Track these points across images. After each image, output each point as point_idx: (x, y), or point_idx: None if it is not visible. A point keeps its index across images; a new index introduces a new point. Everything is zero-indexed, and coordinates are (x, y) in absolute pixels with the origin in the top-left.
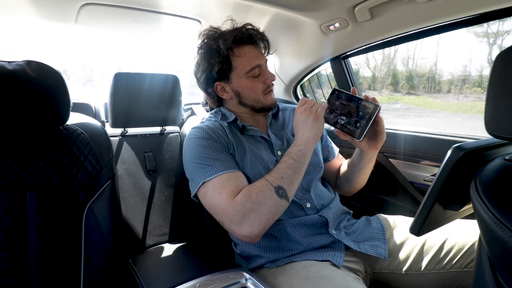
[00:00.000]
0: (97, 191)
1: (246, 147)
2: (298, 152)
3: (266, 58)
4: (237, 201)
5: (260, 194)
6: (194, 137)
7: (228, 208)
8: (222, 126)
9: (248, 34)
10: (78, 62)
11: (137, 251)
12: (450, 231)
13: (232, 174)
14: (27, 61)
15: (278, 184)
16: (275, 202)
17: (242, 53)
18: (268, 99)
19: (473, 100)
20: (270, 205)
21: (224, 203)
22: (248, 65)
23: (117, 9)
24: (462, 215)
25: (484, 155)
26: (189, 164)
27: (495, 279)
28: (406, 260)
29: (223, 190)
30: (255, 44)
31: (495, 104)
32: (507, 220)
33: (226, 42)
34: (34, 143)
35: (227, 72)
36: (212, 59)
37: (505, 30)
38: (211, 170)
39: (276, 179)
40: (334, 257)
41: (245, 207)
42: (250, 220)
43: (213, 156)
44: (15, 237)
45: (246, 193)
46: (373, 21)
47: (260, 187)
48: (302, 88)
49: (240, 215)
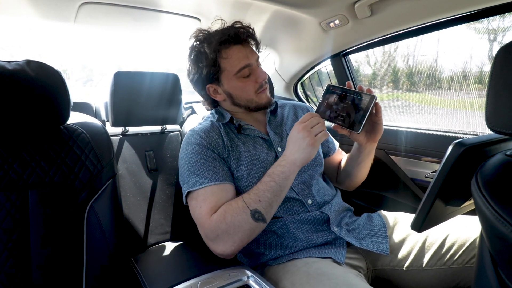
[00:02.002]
0: (98, 190)
1: (242, 149)
2: (281, 174)
3: (257, 56)
4: (213, 220)
5: (235, 217)
6: (188, 142)
7: (204, 225)
8: (218, 128)
9: (234, 34)
10: (78, 61)
11: (138, 250)
12: (451, 227)
13: (217, 187)
14: (27, 61)
15: (255, 207)
16: (251, 225)
17: (229, 55)
18: (262, 97)
19: (474, 97)
20: (245, 228)
21: (202, 219)
22: (236, 66)
23: (116, 7)
24: (463, 211)
25: (485, 151)
26: (181, 168)
27: (496, 274)
28: (407, 256)
29: (204, 205)
30: (244, 43)
31: (496, 100)
32: (508, 215)
33: (211, 46)
34: (35, 142)
35: (217, 75)
36: (200, 62)
37: (506, 27)
38: (197, 180)
39: (253, 201)
40: (336, 254)
41: (219, 228)
42: (224, 240)
43: (202, 165)
44: (16, 237)
45: (222, 214)
46: (373, 18)
47: (236, 209)
48: (303, 85)
49: (214, 234)
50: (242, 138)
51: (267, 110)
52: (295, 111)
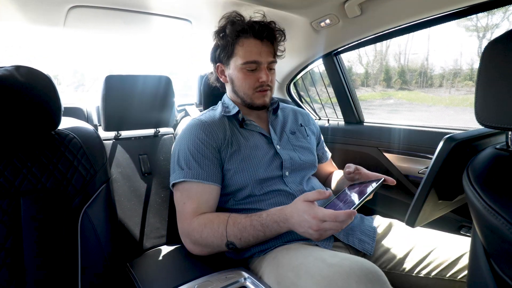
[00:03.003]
0: (92, 196)
1: (242, 143)
2: (275, 232)
3: (272, 60)
4: (192, 225)
5: (211, 237)
6: (187, 132)
7: (184, 223)
8: (222, 119)
9: (258, 28)
10: (69, 67)
11: (134, 254)
12: (439, 242)
13: (202, 187)
14: (16, 66)
15: (232, 241)
16: (221, 249)
17: (245, 44)
18: (258, 97)
19: (464, 94)
20: (215, 250)
21: (183, 216)
22: (246, 57)
23: (106, 11)
24: (455, 205)
25: (475, 145)
26: (173, 156)
27: (490, 266)
28: (391, 260)
29: (188, 202)
30: (265, 41)
31: (485, 95)
32: (499, 207)
33: (233, 29)
34: (25, 149)
35: (228, 57)
36: (219, 40)
37: (494, 24)
38: (185, 174)
39: (233, 236)
40: (322, 244)
41: (194, 236)
42: (194, 245)
43: (194, 160)
44: (10, 245)
45: (201, 225)
46: (363, 17)
47: (215, 231)
48: (296, 85)
49: (187, 236)
50: (244, 133)
51: (268, 109)
52: (295, 115)
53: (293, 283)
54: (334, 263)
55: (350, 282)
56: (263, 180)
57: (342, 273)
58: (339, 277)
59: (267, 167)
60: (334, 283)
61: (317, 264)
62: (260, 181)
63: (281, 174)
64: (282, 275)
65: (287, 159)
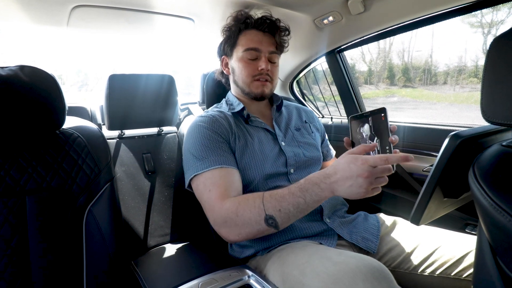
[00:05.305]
0: (96, 194)
1: (248, 139)
2: (316, 196)
3: (273, 50)
4: (224, 207)
5: (248, 214)
6: (196, 126)
7: (214, 209)
8: (227, 116)
9: (260, 21)
10: (72, 66)
11: (139, 253)
12: (444, 241)
13: (225, 171)
14: (20, 66)
15: (271, 214)
16: (261, 227)
17: (247, 34)
18: (256, 86)
19: (469, 91)
20: (254, 228)
21: (212, 203)
22: (246, 44)
23: (109, 10)
24: (461, 203)
25: (481, 142)
26: (186, 152)
27: (496, 264)
28: (395, 258)
29: (214, 188)
30: (266, 33)
31: (491, 91)
32: (506, 204)
33: (237, 22)
34: (31, 148)
35: (231, 48)
36: (225, 34)
37: (499, 20)
38: (204, 163)
39: (272, 207)
40: (326, 241)
41: (229, 218)
42: (230, 228)
43: (210, 148)
44: (15, 243)
45: (235, 204)
46: (366, 13)
47: (251, 207)
48: (299, 84)
49: (222, 221)
50: (249, 129)
51: (272, 105)
52: (299, 112)
53: (298, 281)
54: (340, 261)
55: (356, 280)
56: (269, 175)
57: (348, 271)
58: (345, 275)
59: (274, 163)
60: (340, 281)
61: (322, 262)
62: (266, 177)
63: (286, 171)
64: (287, 273)
65: (291, 156)
